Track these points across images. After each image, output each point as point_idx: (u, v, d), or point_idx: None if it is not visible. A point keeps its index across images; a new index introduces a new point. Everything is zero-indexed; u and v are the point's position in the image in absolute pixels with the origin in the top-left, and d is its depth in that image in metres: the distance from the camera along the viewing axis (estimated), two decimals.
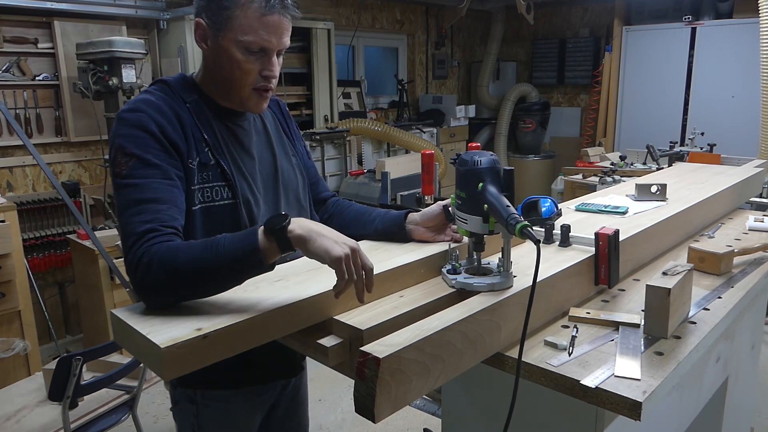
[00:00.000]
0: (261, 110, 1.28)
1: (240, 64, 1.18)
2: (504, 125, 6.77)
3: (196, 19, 1.21)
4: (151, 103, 1.17)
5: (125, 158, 1.11)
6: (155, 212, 1.08)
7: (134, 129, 1.13)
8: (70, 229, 3.64)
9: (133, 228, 1.06)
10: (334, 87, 5.14)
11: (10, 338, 2.78)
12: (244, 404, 1.34)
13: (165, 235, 1.06)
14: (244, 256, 0.99)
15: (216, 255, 0.99)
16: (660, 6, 5.84)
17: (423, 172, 2.59)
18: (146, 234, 1.05)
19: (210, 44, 1.20)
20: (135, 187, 1.10)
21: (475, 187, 1.05)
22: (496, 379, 1.19)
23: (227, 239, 1.01)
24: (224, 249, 0.99)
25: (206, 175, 1.20)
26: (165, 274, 1.00)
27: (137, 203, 1.09)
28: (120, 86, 3.40)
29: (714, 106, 5.52)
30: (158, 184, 1.11)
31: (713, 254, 1.43)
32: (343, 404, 3.06)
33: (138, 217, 1.07)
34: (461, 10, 5.86)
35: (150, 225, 1.06)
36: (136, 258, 1.03)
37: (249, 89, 1.22)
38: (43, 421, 2.06)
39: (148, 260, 1.02)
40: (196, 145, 1.20)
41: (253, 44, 1.17)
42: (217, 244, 1.01)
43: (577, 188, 4.15)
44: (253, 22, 1.15)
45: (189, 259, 1.00)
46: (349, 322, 1.02)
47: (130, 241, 1.05)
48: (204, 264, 0.99)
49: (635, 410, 0.89)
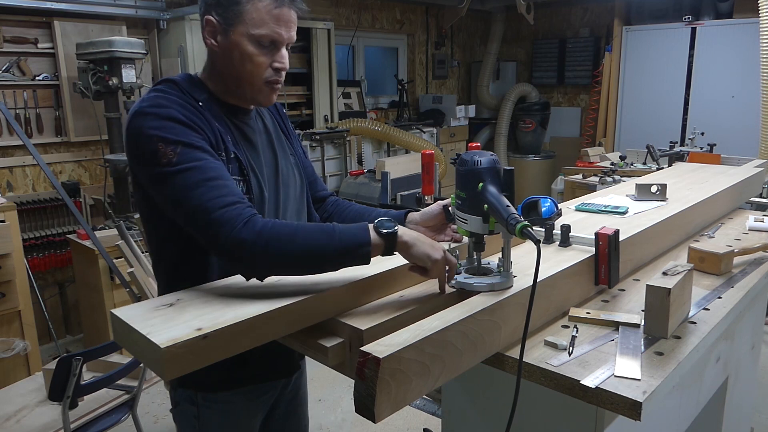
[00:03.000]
0: (271, 102, 1.30)
1: (252, 57, 1.19)
2: (504, 125, 6.77)
3: (206, 17, 1.21)
4: (171, 99, 1.17)
5: (170, 146, 1.10)
6: (226, 187, 1.10)
7: (166, 120, 1.13)
8: (70, 229, 3.64)
9: (213, 203, 1.07)
10: (334, 87, 5.14)
11: (10, 338, 2.78)
12: (244, 405, 1.34)
13: (250, 207, 1.09)
14: (355, 247, 1.06)
15: (332, 239, 1.06)
16: (660, 6, 5.84)
17: (423, 172, 2.59)
18: (232, 205, 1.07)
19: (220, 40, 1.21)
20: (195, 170, 1.09)
21: (475, 187, 1.05)
22: (496, 379, 1.19)
23: (340, 228, 1.08)
24: (340, 236, 1.06)
25: (229, 168, 1.20)
26: (284, 247, 1.04)
27: (204, 182, 1.09)
28: (120, 86, 3.40)
29: (714, 106, 5.52)
30: (214, 164, 1.13)
31: (713, 254, 1.43)
32: (343, 404, 3.06)
33: (211, 193, 1.08)
34: (461, 10, 5.86)
35: (230, 198, 1.08)
36: (242, 218, 1.05)
37: (261, 82, 1.23)
38: (43, 421, 2.06)
39: (260, 228, 1.04)
40: (221, 137, 1.20)
41: (265, 37, 1.18)
42: (333, 230, 1.07)
43: (577, 188, 4.16)
44: (264, 15, 1.17)
45: (308, 238, 1.06)
46: (349, 322, 1.03)
47: (216, 214, 1.05)
48: (319, 248, 1.05)
49: (635, 410, 0.89)
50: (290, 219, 1.36)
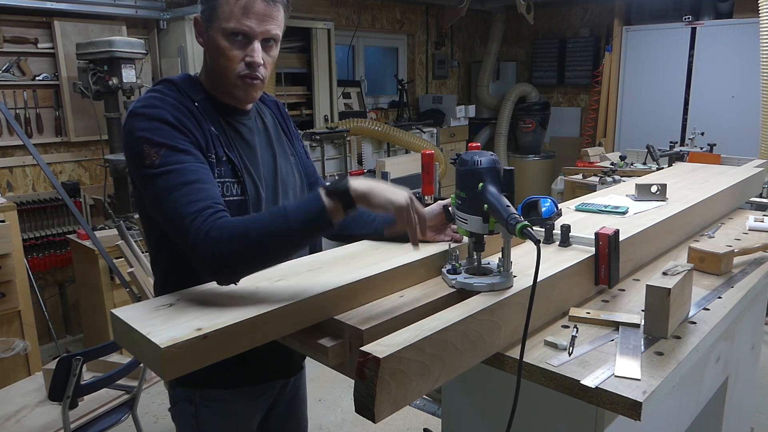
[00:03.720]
0: (251, 100, 1.29)
1: (224, 51, 1.20)
2: (504, 125, 6.77)
3: (195, 16, 1.24)
4: (165, 100, 1.18)
5: (154, 149, 1.11)
6: (202, 191, 1.10)
7: (155, 122, 1.14)
8: (70, 229, 3.64)
9: (185, 209, 1.07)
10: (334, 87, 5.15)
11: (10, 338, 2.78)
12: (243, 404, 1.34)
13: (220, 212, 1.08)
14: (313, 218, 1.03)
15: (286, 221, 1.03)
16: (660, 6, 5.84)
17: (423, 172, 2.58)
18: (203, 211, 1.06)
19: (205, 38, 1.23)
20: (175, 173, 1.10)
21: (475, 187, 1.05)
22: (496, 379, 1.19)
23: (291, 206, 1.06)
24: (293, 215, 1.04)
25: (220, 171, 1.21)
26: (239, 245, 1.02)
27: (181, 186, 1.09)
28: (120, 86, 3.40)
29: (714, 106, 5.52)
30: (195, 166, 1.13)
31: (713, 254, 1.43)
32: (343, 404, 3.06)
33: (186, 197, 1.08)
34: (461, 10, 5.86)
35: (202, 203, 1.07)
36: (201, 233, 1.04)
37: (234, 77, 1.22)
38: (43, 421, 2.06)
39: (217, 234, 1.03)
40: (212, 139, 1.21)
41: (235, 31, 1.19)
42: (284, 211, 1.05)
43: (577, 188, 4.16)
44: (233, 8, 1.18)
45: (261, 229, 1.03)
46: (349, 322, 1.02)
47: (187, 221, 1.05)
48: (276, 231, 1.03)
49: (635, 410, 0.89)
50: None
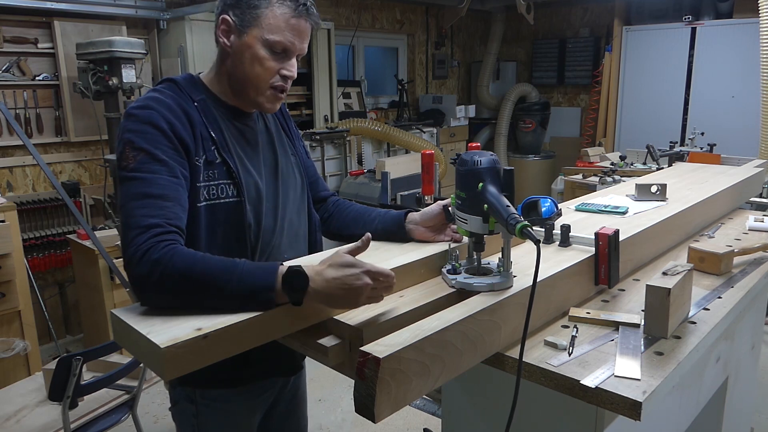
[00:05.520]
0: (274, 110, 1.30)
1: (262, 60, 1.21)
2: (504, 125, 6.77)
3: (222, 16, 1.22)
4: (161, 101, 1.18)
5: (134, 152, 1.12)
6: (161, 208, 1.09)
7: (144, 125, 1.14)
8: (70, 229, 3.64)
9: (136, 221, 1.06)
10: (334, 87, 5.14)
11: (10, 338, 2.78)
12: (243, 403, 1.34)
13: (170, 233, 1.06)
14: (257, 289, 1.00)
15: (231, 277, 1.00)
16: (660, 6, 5.84)
17: (423, 172, 2.59)
18: (151, 228, 1.05)
19: (233, 40, 1.22)
20: (142, 181, 1.10)
21: (475, 187, 1.05)
22: (496, 379, 1.19)
23: (246, 265, 1.03)
24: (242, 273, 1.01)
25: (212, 173, 1.21)
26: (175, 279, 1.00)
27: (143, 197, 1.09)
28: (120, 86, 3.40)
29: (714, 106, 5.52)
30: (165, 180, 1.12)
31: (713, 254, 1.43)
32: (343, 404, 3.06)
33: (143, 210, 1.07)
34: (461, 10, 5.86)
35: (155, 220, 1.06)
36: (140, 251, 1.03)
37: (266, 86, 1.24)
38: (43, 421, 2.06)
39: (158, 257, 1.02)
40: (203, 143, 1.21)
41: (278, 44, 1.20)
42: (236, 266, 1.02)
43: (577, 188, 4.16)
44: (281, 22, 1.19)
45: (205, 272, 1.01)
46: (349, 322, 1.02)
47: (133, 234, 1.05)
48: (218, 282, 1.00)
49: (635, 410, 0.89)
50: (290, 218, 1.36)
